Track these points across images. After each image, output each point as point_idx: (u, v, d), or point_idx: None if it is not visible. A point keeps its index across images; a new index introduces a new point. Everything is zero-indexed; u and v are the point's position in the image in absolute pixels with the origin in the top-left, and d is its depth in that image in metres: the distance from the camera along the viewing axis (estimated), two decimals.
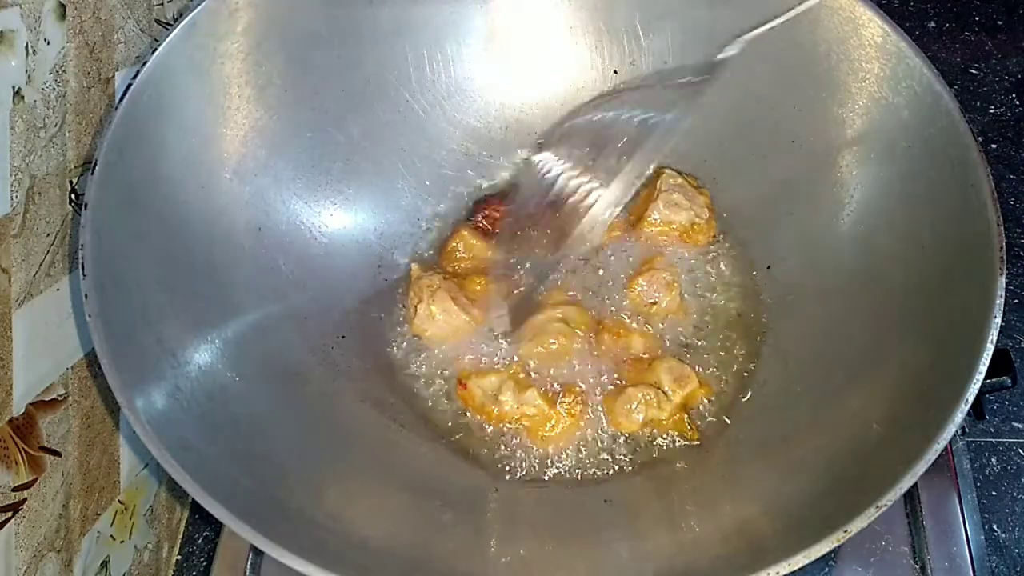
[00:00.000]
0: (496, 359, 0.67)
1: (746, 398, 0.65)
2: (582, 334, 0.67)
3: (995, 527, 0.70)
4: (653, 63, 0.73)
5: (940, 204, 0.59)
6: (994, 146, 0.88)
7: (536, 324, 0.67)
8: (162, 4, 0.68)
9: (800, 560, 0.47)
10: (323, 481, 0.58)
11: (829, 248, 0.66)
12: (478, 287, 0.70)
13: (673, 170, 0.72)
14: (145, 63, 0.59)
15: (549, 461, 0.63)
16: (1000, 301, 0.52)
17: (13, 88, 0.51)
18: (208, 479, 0.49)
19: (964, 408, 0.50)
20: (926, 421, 0.50)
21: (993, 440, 0.74)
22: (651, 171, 0.69)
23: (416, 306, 0.68)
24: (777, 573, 0.46)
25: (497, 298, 0.69)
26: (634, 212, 0.73)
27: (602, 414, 0.65)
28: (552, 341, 0.66)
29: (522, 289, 0.69)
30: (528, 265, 0.70)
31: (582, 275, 0.71)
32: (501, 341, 0.68)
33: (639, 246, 0.72)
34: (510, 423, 0.64)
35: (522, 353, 0.67)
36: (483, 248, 0.72)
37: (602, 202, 0.63)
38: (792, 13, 0.61)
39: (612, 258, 0.72)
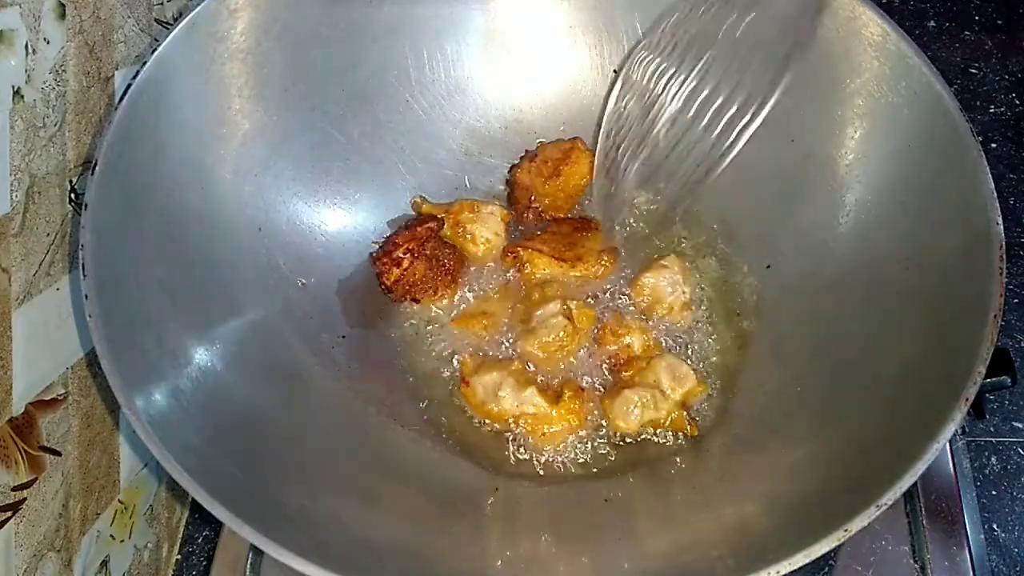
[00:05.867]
0: (498, 356, 0.67)
1: (745, 398, 0.65)
2: (584, 332, 0.68)
3: (995, 527, 0.70)
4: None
5: (940, 204, 0.59)
6: (994, 146, 0.88)
7: (538, 321, 0.67)
8: (162, 4, 0.68)
9: (800, 560, 0.47)
10: (323, 481, 0.58)
11: (829, 248, 0.66)
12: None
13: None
14: (145, 63, 0.59)
15: (549, 460, 0.63)
16: (1000, 301, 0.52)
17: (13, 88, 0.51)
18: (208, 479, 0.49)
19: (964, 408, 0.50)
20: (926, 421, 0.50)
21: (993, 440, 0.74)
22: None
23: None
24: (777, 573, 0.46)
25: None
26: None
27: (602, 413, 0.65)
28: (553, 339, 0.66)
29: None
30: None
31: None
32: (504, 339, 0.68)
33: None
34: (510, 422, 0.64)
35: (524, 351, 0.67)
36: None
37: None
38: None
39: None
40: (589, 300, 0.70)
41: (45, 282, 0.55)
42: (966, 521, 0.66)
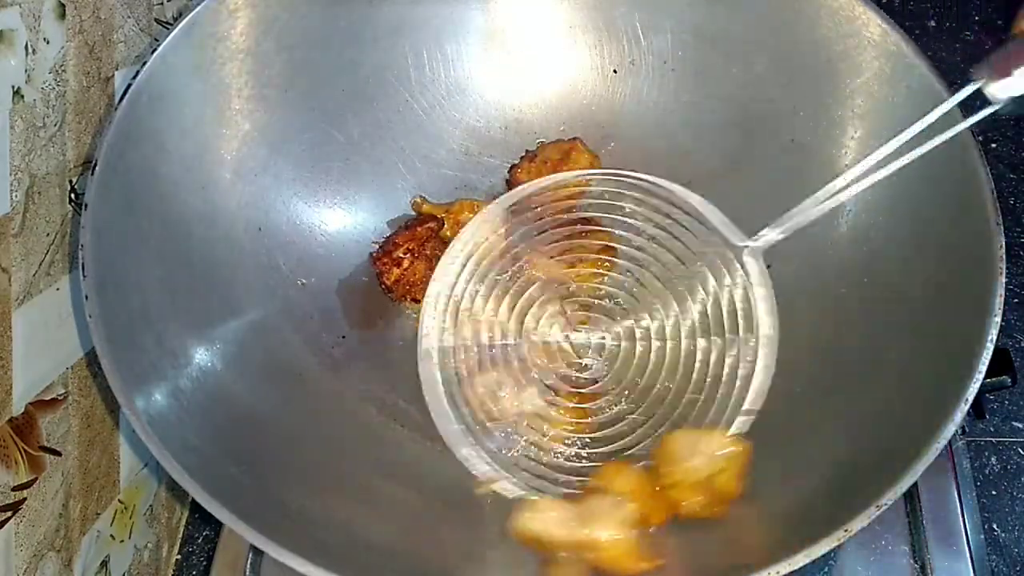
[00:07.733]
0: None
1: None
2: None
3: (995, 527, 0.70)
4: (653, 63, 0.73)
5: (940, 204, 0.59)
6: (994, 146, 0.88)
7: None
8: (162, 4, 0.68)
9: (800, 560, 0.47)
10: (323, 481, 0.58)
11: (829, 249, 0.66)
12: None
13: None
14: (145, 63, 0.59)
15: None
16: (1000, 301, 0.52)
17: (13, 87, 0.51)
18: (208, 479, 0.49)
19: (964, 408, 0.50)
20: (926, 421, 0.50)
21: (993, 440, 0.74)
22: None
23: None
24: (777, 573, 0.46)
25: None
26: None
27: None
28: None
29: None
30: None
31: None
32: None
33: None
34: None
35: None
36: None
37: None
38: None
39: None
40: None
41: (45, 282, 0.55)
42: (966, 521, 0.66)
